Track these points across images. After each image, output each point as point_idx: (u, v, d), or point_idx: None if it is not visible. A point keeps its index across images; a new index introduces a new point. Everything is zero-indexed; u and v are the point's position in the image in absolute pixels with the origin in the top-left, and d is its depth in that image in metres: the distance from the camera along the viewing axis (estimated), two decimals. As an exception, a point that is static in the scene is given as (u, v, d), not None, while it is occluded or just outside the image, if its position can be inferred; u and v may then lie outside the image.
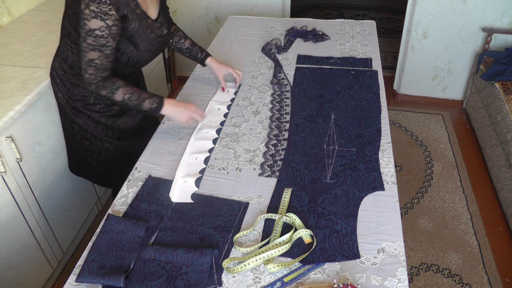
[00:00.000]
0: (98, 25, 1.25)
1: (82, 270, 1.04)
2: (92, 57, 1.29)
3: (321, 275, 1.04)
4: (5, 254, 1.56)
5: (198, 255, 1.05)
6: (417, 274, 1.92)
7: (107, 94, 1.36)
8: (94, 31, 1.25)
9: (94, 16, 1.23)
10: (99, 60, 1.30)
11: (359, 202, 1.24)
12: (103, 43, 1.28)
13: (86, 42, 1.27)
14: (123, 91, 1.37)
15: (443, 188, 2.38)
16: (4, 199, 1.52)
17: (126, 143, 1.63)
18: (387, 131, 1.52)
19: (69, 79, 1.47)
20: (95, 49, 1.28)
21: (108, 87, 1.35)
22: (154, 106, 1.42)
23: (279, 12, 3.05)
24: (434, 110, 3.09)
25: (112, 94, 1.37)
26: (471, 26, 2.80)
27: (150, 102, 1.42)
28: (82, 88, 1.47)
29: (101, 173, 1.67)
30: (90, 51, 1.28)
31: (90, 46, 1.27)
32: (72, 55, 1.43)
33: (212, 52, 2.11)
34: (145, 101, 1.41)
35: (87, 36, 1.26)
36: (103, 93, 1.36)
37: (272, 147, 1.46)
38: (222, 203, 1.24)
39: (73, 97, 1.49)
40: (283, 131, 1.53)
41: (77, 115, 1.51)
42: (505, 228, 2.16)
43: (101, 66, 1.31)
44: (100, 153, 1.59)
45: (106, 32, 1.26)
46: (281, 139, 1.50)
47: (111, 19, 1.26)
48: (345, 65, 1.95)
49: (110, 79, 1.35)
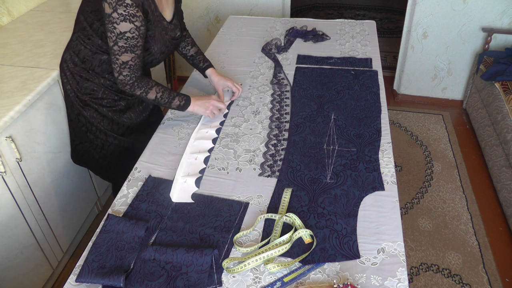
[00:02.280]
0: (128, 27, 1.27)
1: (82, 270, 1.04)
2: (125, 59, 1.32)
3: (321, 275, 1.04)
4: (5, 254, 1.56)
5: (198, 255, 1.05)
6: (417, 274, 1.92)
7: (141, 93, 1.41)
8: (124, 34, 1.27)
9: (123, 19, 1.25)
10: (133, 61, 1.33)
11: (359, 202, 1.24)
12: (135, 44, 1.31)
13: (118, 45, 1.29)
14: (156, 89, 1.43)
15: (443, 188, 2.38)
16: (4, 199, 1.52)
17: (130, 139, 1.64)
18: (387, 131, 1.52)
19: (79, 73, 1.49)
20: (128, 51, 1.30)
21: (142, 87, 1.40)
22: (182, 103, 1.49)
23: (279, 12, 3.05)
24: (434, 110, 3.09)
25: (145, 94, 1.42)
26: (471, 26, 2.80)
27: (179, 100, 1.49)
28: (92, 82, 1.49)
29: (103, 166, 1.68)
30: (122, 54, 1.31)
31: (122, 48, 1.30)
32: (84, 49, 1.45)
33: (212, 52, 2.11)
34: (175, 98, 1.48)
35: (118, 40, 1.28)
36: (137, 92, 1.41)
37: (272, 147, 1.46)
38: (222, 203, 1.24)
39: (82, 91, 1.51)
40: (283, 131, 1.53)
41: (85, 108, 1.53)
42: (505, 228, 2.16)
43: (134, 67, 1.35)
44: (104, 147, 1.60)
45: (136, 34, 1.29)
46: (281, 139, 1.50)
47: (139, 20, 1.28)
48: (345, 65, 1.95)
49: (144, 79, 1.41)
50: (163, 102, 1.46)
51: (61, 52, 1.85)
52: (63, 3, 2.46)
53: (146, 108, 1.67)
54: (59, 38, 2.01)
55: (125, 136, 1.62)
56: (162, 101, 1.46)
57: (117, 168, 1.66)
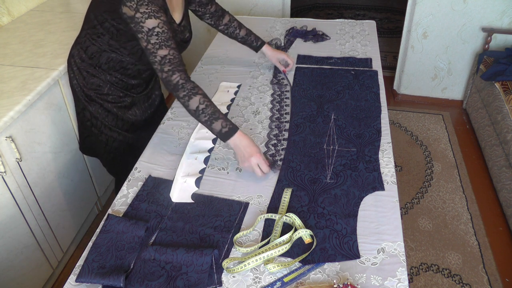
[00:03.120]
0: (155, 23, 1.25)
1: (82, 270, 1.04)
2: (162, 54, 1.26)
3: (321, 275, 1.04)
4: (5, 254, 1.56)
5: (198, 255, 1.05)
6: (417, 274, 1.92)
7: (183, 96, 1.28)
8: (153, 29, 1.25)
9: (147, 17, 1.24)
10: (170, 54, 1.27)
11: (359, 202, 1.24)
12: (167, 38, 1.27)
13: (151, 43, 1.26)
14: (201, 99, 1.28)
15: (443, 188, 2.38)
16: (4, 199, 1.52)
17: (134, 135, 1.65)
18: (387, 131, 1.52)
19: (86, 68, 1.50)
20: (162, 45, 1.26)
21: (187, 89, 1.27)
22: (225, 130, 1.28)
23: (279, 12, 3.05)
24: (434, 110, 3.09)
25: (188, 98, 1.27)
26: (471, 26, 2.80)
27: (223, 124, 1.28)
28: (98, 78, 1.50)
29: (108, 161, 1.70)
30: (158, 50, 1.26)
31: (156, 45, 1.26)
32: (92, 46, 1.45)
33: (212, 52, 2.11)
34: (218, 120, 1.28)
35: (149, 37, 1.25)
36: (180, 94, 1.28)
37: (272, 147, 1.46)
38: (222, 203, 1.24)
39: (88, 86, 1.52)
40: (283, 131, 1.53)
41: (90, 103, 1.54)
42: (505, 228, 2.16)
43: (174, 60, 1.27)
44: (108, 142, 1.62)
45: (165, 28, 1.26)
46: (281, 139, 1.50)
47: (163, 15, 1.27)
48: (345, 65, 1.95)
49: (191, 82, 1.29)
50: (203, 117, 1.28)
51: (61, 52, 1.86)
52: (63, 3, 2.46)
53: (152, 105, 1.68)
54: (59, 38, 2.01)
55: (129, 133, 1.63)
56: (203, 116, 1.28)
57: (121, 164, 1.68)
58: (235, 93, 1.78)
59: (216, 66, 1.99)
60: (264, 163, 1.30)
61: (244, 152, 1.29)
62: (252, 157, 1.28)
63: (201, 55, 2.14)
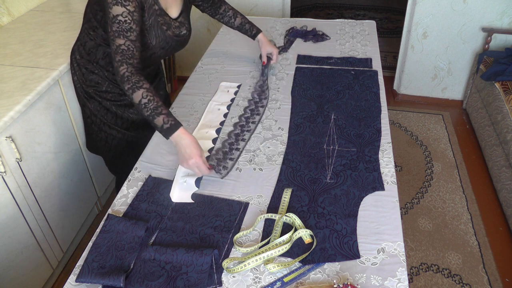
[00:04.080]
0: (120, 11, 1.26)
1: (82, 270, 1.04)
2: (118, 43, 1.28)
3: (321, 275, 1.04)
4: (5, 254, 1.56)
5: (198, 255, 1.05)
6: (417, 274, 1.92)
7: (128, 89, 1.26)
8: (117, 17, 1.26)
9: (115, 3, 1.25)
10: (125, 45, 1.28)
11: (359, 202, 1.23)
12: (127, 29, 1.28)
13: (112, 29, 1.28)
14: (144, 93, 1.24)
15: (443, 188, 2.38)
16: (4, 199, 1.52)
17: (135, 134, 1.65)
18: (387, 131, 1.52)
19: (84, 65, 1.51)
20: (120, 35, 1.28)
21: (131, 82, 1.25)
22: (166, 126, 1.23)
23: (279, 12, 3.05)
24: (434, 110, 3.09)
25: (132, 91, 1.25)
26: (471, 26, 2.80)
27: (164, 120, 1.23)
28: (96, 75, 1.51)
29: (108, 159, 1.72)
30: (116, 38, 1.28)
31: (115, 33, 1.28)
32: (90, 41, 1.47)
33: (212, 52, 2.11)
34: (160, 115, 1.23)
35: (112, 24, 1.27)
36: (125, 86, 1.26)
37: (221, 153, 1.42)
38: (222, 203, 1.24)
39: (87, 83, 1.53)
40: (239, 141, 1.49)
41: (89, 100, 1.55)
42: (505, 228, 2.16)
43: (127, 52, 1.28)
44: (107, 140, 1.62)
45: (129, 18, 1.28)
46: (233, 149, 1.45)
47: (132, 5, 1.28)
48: (345, 65, 1.95)
49: (137, 75, 1.27)
50: (146, 112, 1.24)
51: (61, 52, 1.86)
52: (63, 3, 2.46)
53: None
54: (59, 38, 2.01)
55: (130, 131, 1.64)
56: (145, 111, 1.24)
57: (121, 163, 1.68)
58: (235, 93, 1.78)
59: (216, 66, 1.99)
60: (204, 166, 1.25)
61: (184, 152, 1.24)
62: (191, 159, 1.23)
63: (201, 55, 2.14)
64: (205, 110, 1.67)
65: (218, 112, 1.66)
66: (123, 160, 1.66)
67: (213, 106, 1.69)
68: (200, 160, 1.24)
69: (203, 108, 1.68)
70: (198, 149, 1.26)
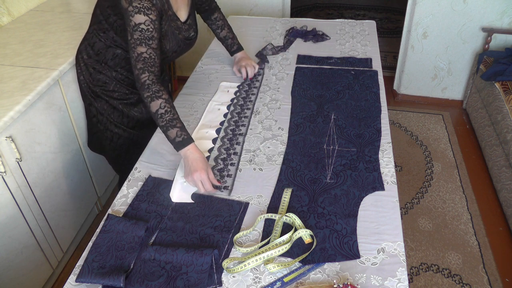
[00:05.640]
0: (142, 19, 1.28)
1: (82, 270, 1.04)
2: (140, 51, 1.30)
3: (321, 275, 1.04)
4: (5, 254, 1.56)
5: (198, 255, 1.05)
6: (417, 274, 1.92)
7: (147, 97, 1.28)
8: (139, 25, 1.28)
9: (137, 12, 1.27)
10: (147, 53, 1.31)
11: (359, 202, 1.24)
12: (149, 37, 1.30)
13: (133, 37, 1.29)
14: (162, 103, 1.27)
15: (443, 188, 2.38)
16: (4, 199, 1.52)
17: (140, 133, 1.66)
18: (387, 131, 1.52)
19: (92, 65, 1.52)
20: (142, 43, 1.30)
21: (151, 90, 1.28)
22: (178, 140, 1.26)
23: (279, 12, 3.05)
24: (434, 110, 3.09)
25: (151, 100, 1.28)
26: (471, 26, 2.80)
27: (178, 133, 1.27)
28: (104, 75, 1.52)
29: (113, 158, 1.72)
30: (137, 46, 1.30)
31: (137, 40, 1.29)
32: (99, 42, 1.48)
33: (212, 52, 2.11)
34: (175, 128, 1.27)
35: (134, 32, 1.29)
36: (145, 94, 1.29)
37: (220, 162, 1.41)
38: (222, 203, 1.24)
39: (94, 82, 1.54)
40: (234, 145, 1.48)
41: (96, 99, 1.56)
42: (505, 228, 2.16)
43: (149, 60, 1.31)
44: (113, 139, 1.63)
45: (151, 26, 1.30)
46: (231, 153, 1.44)
47: (154, 14, 1.30)
48: (345, 65, 1.95)
49: (158, 85, 1.30)
50: (161, 122, 1.27)
51: (61, 52, 1.86)
52: (63, 3, 2.46)
53: None
54: (59, 38, 2.01)
55: (135, 130, 1.65)
56: (160, 121, 1.27)
57: (125, 161, 1.68)
58: (235, 93, 1.78)
59: (216, 66, 1.99)
60: (207, 182, 1.24)
61: (191, 165, 1.25)
62: (196, 173, 1.23)
63: (201, 55, 2.14)
64: (205, 110, 1.67)
65: (218, 112, 1.66)
66: (128, 159, 1.67)
67: (213, 106, 1.69)
68: (205, 175, 1.24)
69: (203, 108, 1.68)
70: (205, 164, 1.26)
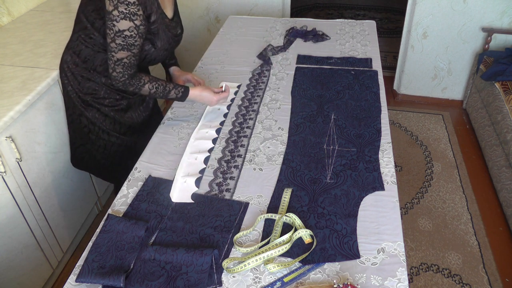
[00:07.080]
0: (127, 26, 1.27)
1: (82, 270, 1.04)
2: (121, 56, 1.32)
3: (321, 275, 1.04)
4: (5, 254, 1.56)
5: (198, 255, 1.05)
6: (417, 274, 1.92)
7: (133, 90, 1.42)
8: (123, 32, 1.28)
9: (123, 17, 1.25)
10: (127, 59, 1.33)
11: (359, 202, 1.23)
12: (132, 43, 1.31)
13: (115, 42, 1.29)
14: (149, 86, 1.44)
15: (443, 188, 2.38)
16: (4, 199, 1.52)
17: (132, 138, 1.64)
18: (387, 131, 1.52)
19: (80, 73, 1.48)
20: (124, 48, 1.31)
21: (134, 84, 1.41)
22: (179, 95, 1.50)
23: (279, 12, 3.05)
24: (434, 110, 3.09)
25: (138, 90, 1.43)
26: (471, 26, 2.80)
27: (176, 92, 1.49)
28: (93, 82, 1.49)
29: (106, 167, 1.68)
30: (119, 51, 1.31)
31: (119, 46, 1.30)
32: (86, 49, 1.44)
33: (212, 52, 2.11)
34: (171, 92, 1.48)
35: (116, 37, 1.29)
36: (130, 89, 1.42)
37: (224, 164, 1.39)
38: (222, 203, 1.24)
39: (84, 91, 1.50)
40: (239, 147, 1.48)
41: (87, 108, 1.53)
42: (505, 228, 2.16)
43: (129, 64, 1.35)
44: (106, 147, 1.61)
45: (134, 32, 1.29)
46: (235, 155, 1.43)
47: (139, 19, 1.29)
48: (345, 65, 1.95)
49: (136, 76, 1.41)
50: (158, 96, 1.48)
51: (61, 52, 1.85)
52: (63, 3, 2.46)
53: (147, 108, 1.67)
54: (59, 38, 2.01)
55: (127, 136, 1.62)
56: (157, 95, 1.47)
57: (119, 168, 1.66)
58: (235, 93, 1.78)
59: (216, 66, 1.99)
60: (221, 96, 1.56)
61: (204, 101, 1.56)
62: (211, 102, 1.56)
63: (201, 55, 2.14)
64: (205, 110, 1.67)
65: (218, 112, 1.66)
66: (122, 165, 1.65)
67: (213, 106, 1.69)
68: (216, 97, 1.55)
69: (203, 108, 1.68)
70: (209, 92, 1.54)
